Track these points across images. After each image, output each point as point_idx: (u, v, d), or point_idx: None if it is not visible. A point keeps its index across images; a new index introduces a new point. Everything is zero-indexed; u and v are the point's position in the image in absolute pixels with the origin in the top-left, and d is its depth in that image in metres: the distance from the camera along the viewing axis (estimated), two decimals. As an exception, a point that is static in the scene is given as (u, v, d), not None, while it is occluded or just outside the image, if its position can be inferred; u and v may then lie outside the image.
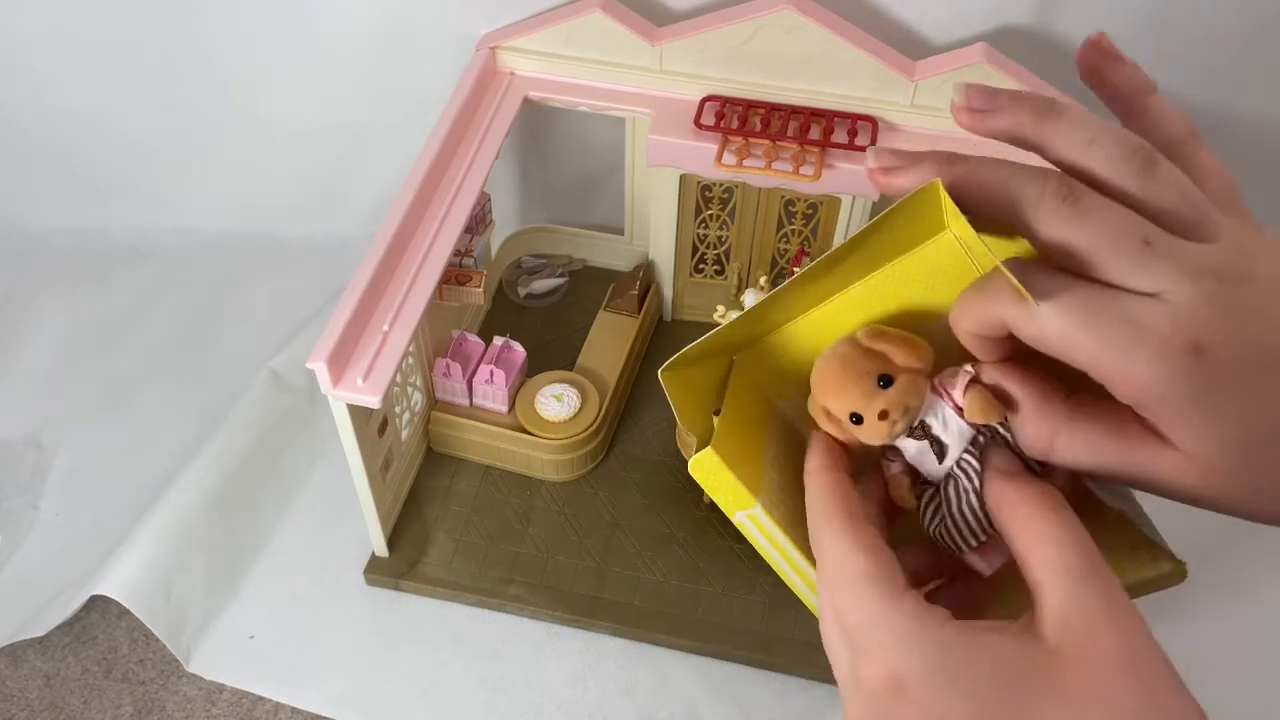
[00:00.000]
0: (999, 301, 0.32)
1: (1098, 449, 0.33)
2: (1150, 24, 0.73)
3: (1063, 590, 0.30)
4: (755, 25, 0.72)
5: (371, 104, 0.88)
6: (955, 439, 0.36)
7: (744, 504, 0.36)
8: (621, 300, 0.86)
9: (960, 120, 0.33)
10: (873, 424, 0.35)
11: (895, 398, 0.35)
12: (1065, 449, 0.33)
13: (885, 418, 0.35)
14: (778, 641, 0.71)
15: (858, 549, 0.32)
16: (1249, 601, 0.73)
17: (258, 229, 0.98)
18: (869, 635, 0.31)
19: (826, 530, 0.33)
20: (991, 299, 0.32)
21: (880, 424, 0.35)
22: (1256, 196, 0.87)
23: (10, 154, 0.95)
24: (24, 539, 0.78)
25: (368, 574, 0.74)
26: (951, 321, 0.34)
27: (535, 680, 0.70)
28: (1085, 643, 0.29)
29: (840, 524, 0.33)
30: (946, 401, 0.36)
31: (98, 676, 0.71)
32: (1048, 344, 0.31)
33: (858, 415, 0.35)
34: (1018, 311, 0.31)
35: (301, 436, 0.83)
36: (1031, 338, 0.31)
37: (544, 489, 0.79)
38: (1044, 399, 0.34)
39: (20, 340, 0.91)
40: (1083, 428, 0.33)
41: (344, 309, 0.61)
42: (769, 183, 0.75)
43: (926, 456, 0.36)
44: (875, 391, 0.35)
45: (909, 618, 0.30)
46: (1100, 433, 0.33)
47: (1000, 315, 0.32)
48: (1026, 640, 0.29)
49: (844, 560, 0.32)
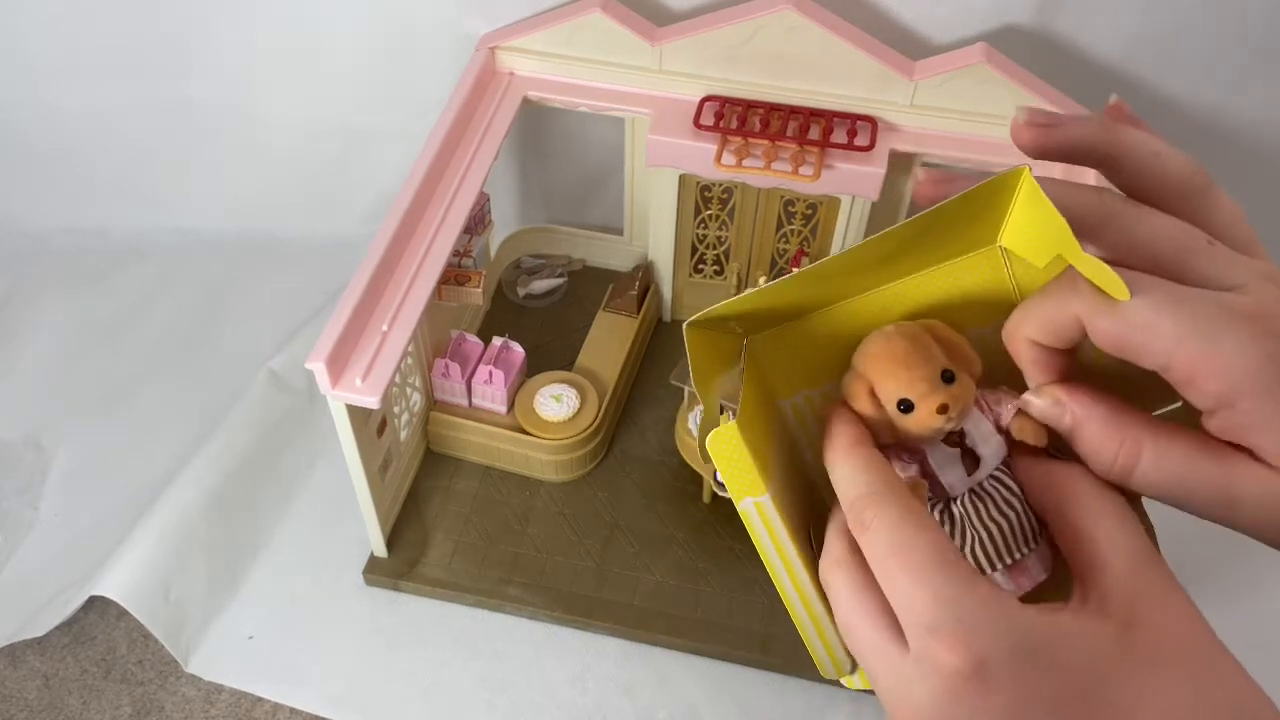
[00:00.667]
0: (1072, 297, 0.30)
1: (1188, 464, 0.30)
2: (1150, 24, 0.73)
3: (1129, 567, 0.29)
4: (755, 25, 0.72)
5: (371, 104, 0.88)
6: (992, 454, 0.34)
7: (754, 490, 0.34)
8: (621, 300, 0.86)
9: (1022, 137, 0.32)
10: (926, 415, 0.32)
11: (959, 394, 0.33)
12: (1152, 466, 0.31)
13: (944, 411, 0.32)
14: (777, 641, 0.71)
15: (918, 525, 0.30)
16: (1249, 601, 0.73)
17: (258, 229, 0.98)
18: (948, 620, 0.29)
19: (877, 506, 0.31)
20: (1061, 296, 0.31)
21: (935, 417, 0.32)
22: (1257, 196, 0.87)
23: (10, 154, 0.95)
24: (23, 539, 0.78)
25: (367, 574, 0.74)
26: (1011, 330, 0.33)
27: (535, 680, 0.70)
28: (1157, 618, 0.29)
29: (893, 499, 0.31)
30: (987, 415, 0.34)
31: (97, 677, 0.71)
32: (1127, 337, 0.29)
33: (909, 403, 0.33)
34: (1095, 306, 0.30)
35: (301, 436, 0.83)
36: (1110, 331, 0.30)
37: (543, 489, 0.79)
38: (1120, 410, 0.32)
39: (20, 340, 0.91)
40: (1168, 440, 0.31)
41: (343, 309, 0.61)
42: (768, 183, 0.75)
43: (955, 466, 0.34)
44: (938, 383, 0.32)
45: (989, 599, 0.29)
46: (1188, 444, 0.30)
47: (1073, 310, 0.30)
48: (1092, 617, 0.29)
49: (904, 538, 0.30)
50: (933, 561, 0.30)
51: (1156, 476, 0.31)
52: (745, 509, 0.34)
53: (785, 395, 0.37)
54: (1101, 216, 0.30)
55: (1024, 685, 0.28)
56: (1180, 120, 0.79)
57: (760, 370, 0.37)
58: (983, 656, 0.28)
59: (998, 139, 0.74)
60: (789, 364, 0.36)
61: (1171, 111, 0.78)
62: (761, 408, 0.36)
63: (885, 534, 0.31)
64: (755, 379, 0.36)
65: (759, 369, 0.36)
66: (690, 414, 0.76)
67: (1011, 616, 0.29)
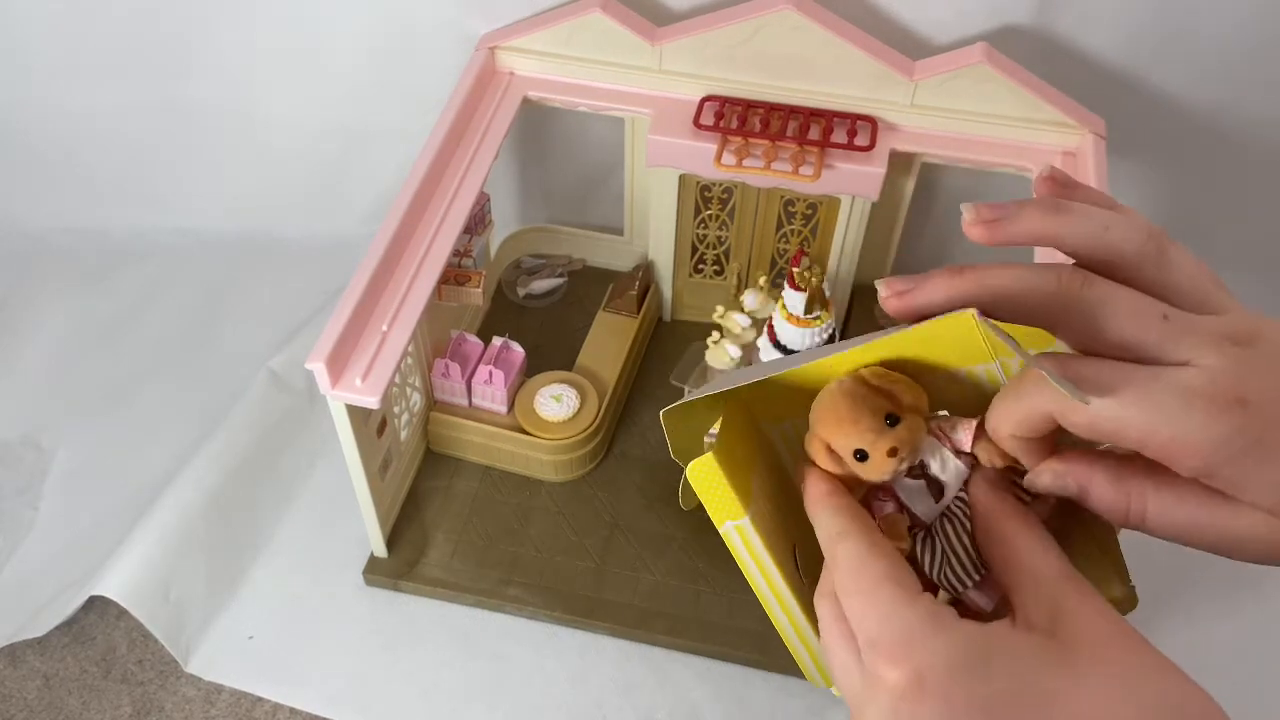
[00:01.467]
0: (1041, 398, 0.32)
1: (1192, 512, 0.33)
2: (1149, 24, 0.73)
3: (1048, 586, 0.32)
4: (755, 25, 0.72)
5: (371, 104, 0.89)
6: (953, 478, 0.37)
7: (734, 514, 0.37)
8: (621, 300, 0.86)
9: (974, 234, 0.34)
10: (879, 460, 0.35)
11: (904, 435, 0.35)
12: (1159, 513, 0.33)
13: (894, 455, 0.35)
14: (776, 641, 0.70)
15: (875, 554, 0.33)
16: (1249, 601, 0.73)
17: (258, 229, 0.98)
18: (888, 634, 0.31)
19: (843, 542, 0.34)
20: (1032, 397, 0.33)
21: (888, 461, 0.35)
22: (1257, 196, 0.87)
23: (10, 154, 0.95)
24: (23, 539, 0.78)
25: (367, 574, 0.74)
26: (992, 429, 0.35)
27: (535, 680, 0.70)
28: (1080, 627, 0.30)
29: (858, 534, 0.34)
30: (944, 443, 0.37)
31: (96, 677, 0.71)
32: (1098, 429, 0.31)
33: (863, 452, 0.35)
34: (1064, 405, 0.32)
35: (301, 436, 0.83)
36: (1081, 425, 0.32)
37: (543, 489, 0.79)
38: (1121, 469, 0.34)
39: (20, 340, 0.91)
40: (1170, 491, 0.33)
41: (343, 309, 0.61)
42: (768, 183, 0.75)
43: (923, 496, 0.37)
44: (883, 429, 0.35)
45: (927, 615, 0.31)
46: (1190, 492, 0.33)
47: (1045, 409, 0.32)
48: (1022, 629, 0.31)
49: (862, 565, 0.33)
50: (879, 583, 0.32)
51: (1165, 524, 0.33)
52: (727, 531, 0.37)
53: (772, 422, 0.40)
54: (1061, 306, 0.32)
55: (959, 695, 0.30)
56: (1180, 120, 0.79)
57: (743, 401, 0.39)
58: (919, 668, 0.30)
59: (998, 139, 0.74)
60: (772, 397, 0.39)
61: (1171, 111, 0.78)
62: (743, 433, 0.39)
63: (846, 565, 0.34)
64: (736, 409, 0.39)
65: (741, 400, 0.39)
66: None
67: (947, 631, 0.31)
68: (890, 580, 0.32)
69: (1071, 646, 0.30)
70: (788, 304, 0.70)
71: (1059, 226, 0.33)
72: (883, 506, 0.37)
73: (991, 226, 0.33)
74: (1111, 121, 0.73)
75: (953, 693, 0.30)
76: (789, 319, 0.70)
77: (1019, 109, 0.72)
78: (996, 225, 0.33)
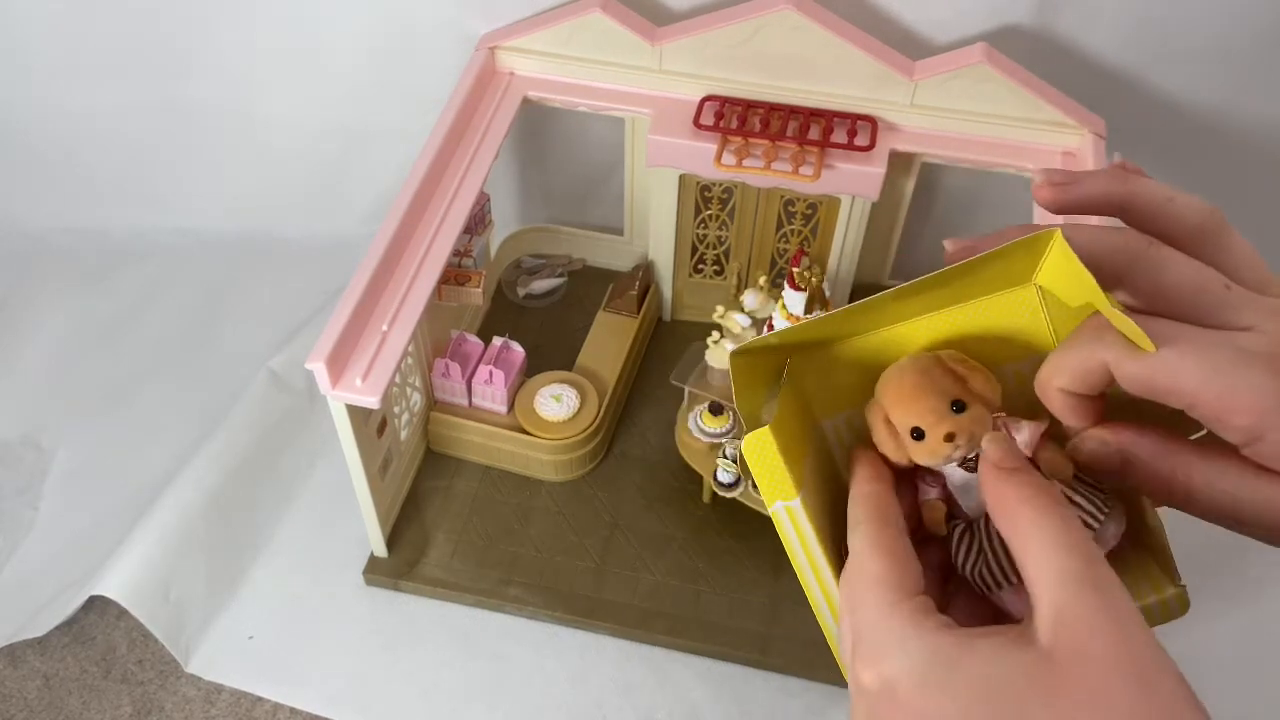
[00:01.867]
0: (1098, 346, 0.32)
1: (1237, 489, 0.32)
2: (1149, 24, 0.73)
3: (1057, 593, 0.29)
4: (755, 25, 0.72)
5: (371, 104, 0.88)
6: None
7: (786, 494, 0.35)
8: (621, 300, 0.86)
9: (1042, 196, 0.34)
10: (935, 443, 0.34)
11: (965, 423, 0.34)
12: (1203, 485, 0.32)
13: (950, 440, 0.34)
14: (776, 641, 0.71)
15: (877, 551, 0.33)
16: (1249, 602, 0.73)
17: (258, 229, 0.98)
18: (868, 636, 0.31)
19: (856, 533, 0.34)
20: (1089, 346, 0.32)
21: (943, 445, 0.34)
22: (1257, 196, 0.87)
23: (10, 154, 0.95)
24: (23, 539, 0.78)
25: (367, 574, 0.74)
26: (1043, 382, 0.34)
27: (535, 680, 0.70)
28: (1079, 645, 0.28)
29: (869, 527, 0.34)
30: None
31: (96, 677, 0.71)
32: (1153, 381, 0.31)
33: (920, 431, 0.35)
34: (1121, 353, 0.31)
35: (301, 436, 0.83)
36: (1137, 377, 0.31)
37: (543, 489, 0.79)
38: (1166, 442, 0.33)
39: (20, 340, 0.91)
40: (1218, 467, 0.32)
41: (343, 309, 0.61)
42: (768, 183, 0.75)
43: (971, 490, 0.36)
44: (947, 412, 0.34)
45: (905, 622, 0.31)
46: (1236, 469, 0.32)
47: (1101, 359, 0.32)
48: (1020, 645, 0.29)
49: (862, 561, 0.33)
50: (871, 584, 0.32)
51: (1209, 502, 0.33)
52: (776, 511, 0.36)
53: (826, 416, 0.39)
54: (1128, 261, 0.32)
55: (928, 706, 0.29)
56: (1180, 120, 0.79)
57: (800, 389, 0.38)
58: (891, 677, 0.30)
59: (998, 139, 0.74)
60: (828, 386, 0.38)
61: (1171, 111, 0.78)
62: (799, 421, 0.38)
63: (852, 555, 0.34)
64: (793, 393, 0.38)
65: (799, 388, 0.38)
66: (690, 414, 0.76)
67: (923, 639, 0.30)
68: (882, 582, 0.32)
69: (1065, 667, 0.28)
70: (788, 304, 0.70)
71: (1126, 192, 0.33)
72: (927, 491, 0.36)
73: (1060, 189, 0.34)
74: (1111, 121, 0.73)
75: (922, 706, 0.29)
76: (789, 319, 0.70)
77: (1019, 109, 0.72)
78: (1065, 188, 0.34)
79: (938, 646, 0.30)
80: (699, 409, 0.76)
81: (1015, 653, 0.29)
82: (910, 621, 0.31)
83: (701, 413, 0.75)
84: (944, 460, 0.35)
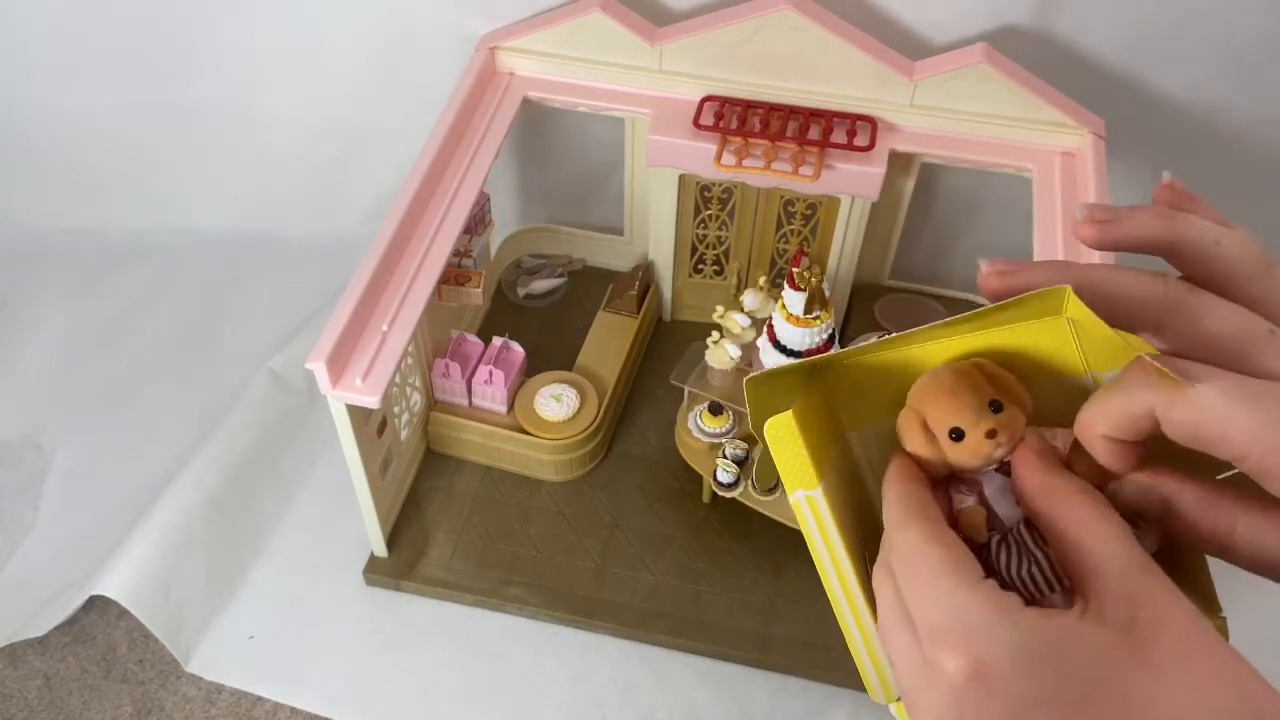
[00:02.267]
0: (1144, 393, 0.31)
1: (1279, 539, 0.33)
2: (1149, 24, 0.73)
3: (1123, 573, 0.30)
4: (755, 25, 0.72)
5: (371, 104, 0.89)
6: None
7: (807, 482, 0.35)
8: (621, 300, 0.86)
9: (1083, 234, 0.33)
10: (976, 442, 0.34)
11: (1006, 422, 0.34)
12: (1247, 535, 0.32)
13: (992, 437, 0.34)
14: (776, 641, 0.71)
15: (934, 542, 0.32)
16: (1249, 602, 0.73)
17: (258, 229, 0.98)
18: (949, 624, 0.30)
19: (904, 531, 0.33)
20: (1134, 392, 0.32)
21: (984, 443, 0.34)
22: (1257, 196, 0.87)
23: (10, 154, 0.95)
24: (24, 539, 0.78)
25: (367, 574, 0.74)
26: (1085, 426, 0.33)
27: (535, 680, 0.70)
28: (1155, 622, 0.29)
29: (919, 523, 0.33)
30: None
31: (97, 677, 0.71)
32: (1202, 430, 0.30)
33: (959, 431, 0.34)
34: (1169, 398, 0.30)
35: (301, 436, 0.83)
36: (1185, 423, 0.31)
37: (543, 489, 0.79)
38: (1209, 489, 0.33)
39: (20, 340, 0.91)
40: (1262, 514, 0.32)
41: (343, 309, 0.61)
42: (768, 183, 0.75)
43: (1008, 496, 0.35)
44: (985, 411, 0.34)
45: (988, 605, 0.30)
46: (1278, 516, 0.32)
47: (1147, 405, 0.31)
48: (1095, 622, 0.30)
49: (921, 554, 0.32)
50: (939, 571, 0.31)
51: (1250, 554, 0.32)
52: (797, 501, 0.35)
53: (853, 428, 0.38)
54: (1166, 309, 0.32)
55: (1024, 686, 0.29)
56: (1180, 120, 0.79)
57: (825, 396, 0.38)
58: (982, 658, 0.29)
59: (997, 139, 0.74)
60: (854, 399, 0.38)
61: (1171, 111, 0.78)
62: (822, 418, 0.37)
63: (906, 552, 0.33)
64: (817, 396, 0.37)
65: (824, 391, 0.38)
66: (690, 414, 0.76)
67: (1011, 618, 0.30)
68: (949, 569, 0.31)
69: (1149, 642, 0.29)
70: (787, 304, 0.70)
71: (1172, 233, 0.32)
72: (963, 499, 0.36)
73: (1103, 227, 0.33)
74: (1111, 121, 0.73)
75: (1018, 685, 0.29)
76: (789, 319, 0.70)
77: (1018, 109, 0.72)
78: (1108, 226, 0.33)
79: (1028, 626, 0.30)
80: (699, 409, 0.76)
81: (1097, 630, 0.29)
82: (993, 604, 0.30)
83: (701, 413, 0.75)
84: (985, 461, 0.35)
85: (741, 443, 0.74)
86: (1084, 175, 0.71)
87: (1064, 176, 0.72)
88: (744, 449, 0.74)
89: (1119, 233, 0.33)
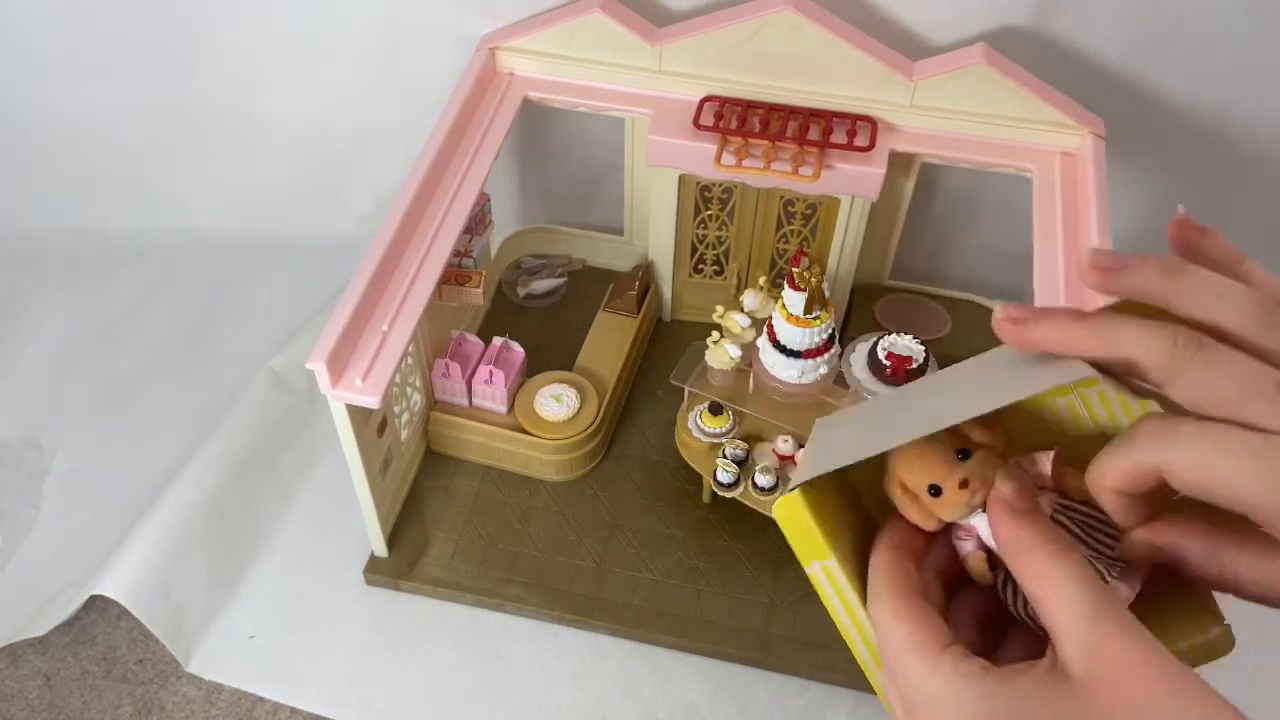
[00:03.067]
0: (1151, 451, 0.32)
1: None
2: (1147, 24, 0.73)
3: (1083, 625, 0.31)
4: (755, 25, 0.72)
5: (372, 104, 0.89)
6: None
7: (820, 554, 0.36)
8: (621, 300, 0.86)
9: (1090, 279, 0.34)
10: (953, 495, 0.35)
11: (975, 468, 0.35)
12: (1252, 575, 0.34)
13: (966, 486, 0.35)
14: (776, 641, 0.71)
15: (898, 618, 0.34)
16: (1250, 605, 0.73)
17: (258, 229, 0.98)
18: (918, 699, 0.33)
19: (875, 603, 0.36)
20: (1142, 450, 0.33)
21: (960, 493, 0.35)
22: (1257, 196, 0.87)
23: (10, 154, 0.95)
24: (24, 539, 0.78)
25: (367, 574, 0.74)
26: (1094, 480, 0.35)
27: (535, 680, 0.70)
28: (1113, 669, 0.30)
29: (887, 597, 0.35)
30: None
31: (97, 676, 0.71)
32: (1206, 489, 0.31)
33: (936, 487, 0.35)
34: (1176, 457, 0.32)
35: (301, 436, 0.83)
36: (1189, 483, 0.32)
37: (543, 489, 0.79)
38: (1214, 535, 0.34)
39: (20, 340, 0.91)
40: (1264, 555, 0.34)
41: (343, 309, 0.61)
42: (768, 183, 0.75)
43: None
44: (954, 462, 0.35)
45: (949, 677, 0.32)
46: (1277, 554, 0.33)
47: (1154, 464, 0.32)
48: (1057, 677, 0.31)
49: (889, 630, 0.35)
50: (904, 649, 0.34)
51: (1256, 592, 0.34)
52: (814, 572, 0.37)
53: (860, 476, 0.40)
54: (1175, 368, 0.32)
55: None
56: (1179, 120, 0.79)
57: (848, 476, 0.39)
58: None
59: (997, 139, 0.74)
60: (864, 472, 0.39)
61: (1171, 111, 0.78)
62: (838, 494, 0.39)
63: (878, 626, 0.35)
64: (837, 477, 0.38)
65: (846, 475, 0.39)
66: (690, 414, 0.76)
67: (971, 689, 0.32)
68: (913, 646, 0.33)
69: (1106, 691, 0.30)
70: (787, 304, 0.70)
71: (1173, 290, 0.33)
72: (963, 545, 0.37)
73: (1107, 275, 0.34)
74: (1110, 121, 0.73)
75: None
76: (789, 319, 0.70)
77: (1018, 109, 0.72)
78: (1113, 276, 0.34)
79: (987, 693, 0.32)
80: (699, 409, 0.76)
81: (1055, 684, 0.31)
82: (953, 674, 0.32)
83: (701, 413, 0.75)
84: (967, 509, 0.36)
85: (741, 443, 0.74)
86: (1084, 175, 0.71)
87: (1064, 177, 0.72)
88: (744, 449, 0.74)
89: (1122, 284, 0.33)
